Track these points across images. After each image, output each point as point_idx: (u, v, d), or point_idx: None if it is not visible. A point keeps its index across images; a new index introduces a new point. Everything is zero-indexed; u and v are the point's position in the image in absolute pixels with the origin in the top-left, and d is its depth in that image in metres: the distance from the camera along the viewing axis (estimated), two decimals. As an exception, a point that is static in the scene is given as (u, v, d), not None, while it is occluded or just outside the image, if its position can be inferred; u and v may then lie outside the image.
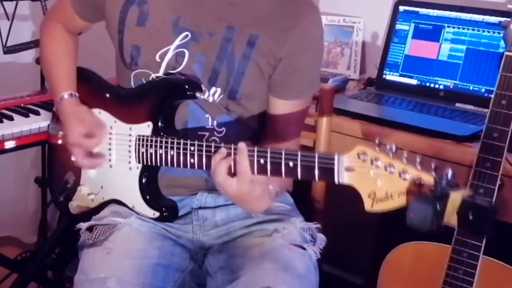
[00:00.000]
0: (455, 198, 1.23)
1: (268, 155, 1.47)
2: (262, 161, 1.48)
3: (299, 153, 1.44)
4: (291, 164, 1.45)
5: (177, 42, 1.73)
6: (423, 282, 1.97)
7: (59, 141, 1.93)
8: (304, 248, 1.72)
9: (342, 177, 1.38)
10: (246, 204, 1.60)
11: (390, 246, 2.02)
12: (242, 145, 1.49)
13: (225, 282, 1.67)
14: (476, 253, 1.84)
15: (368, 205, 1.35)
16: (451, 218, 1.24)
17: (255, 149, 1.48)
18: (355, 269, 2.88)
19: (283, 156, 1.45)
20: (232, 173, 1.50)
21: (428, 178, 1.27)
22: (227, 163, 1.50)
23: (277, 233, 1.73)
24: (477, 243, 1.83)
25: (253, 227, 1.77)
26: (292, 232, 1.75)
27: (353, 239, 2.72)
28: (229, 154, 1.51)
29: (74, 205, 1.88)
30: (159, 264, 1.68)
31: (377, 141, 1.34)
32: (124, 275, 1.62)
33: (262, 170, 1.48)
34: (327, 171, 1.40)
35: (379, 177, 1.33)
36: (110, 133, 1.78)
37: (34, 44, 2.58)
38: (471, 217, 1.23)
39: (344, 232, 2.56)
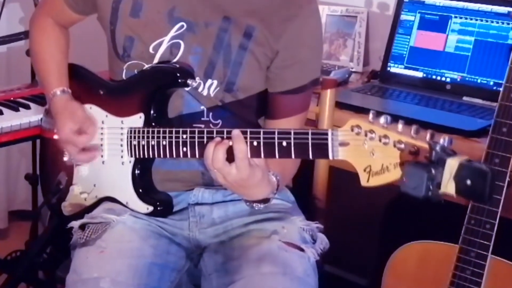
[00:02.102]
0: (452, 164, 1.22)
1: (261, 135, 1.48)
2: (255, 143, 1.49)
3: (292, 131, 1.45)
4: (284, 143, 1.46)
5: (172, 33, 1.73)
6: (429, 282, 1.97)
7: (54, 136, 1.93)
8: (302, 250, 1.72)
9: (337, 152, 1.39)
10: (245, 191, 1.59)
11: (395, 246, 2.02)
12: (236, 132, 1.50)
13: (220, 286, 1.67)
14: (484, 253, 1.84)
15: (364, 180, 1.35)
16: (448, 186, 1.23)
17: (248, 130, 1.49)
18: (358, 269, 2.88)
19: (276, 136, 1.46)
20: (229, 160, 1.50)
21: (423, 145, 1.26)
22: (223, 149, 1.50)
23: (276, 234, 1.72)
24: (485, 242, 1.83)
25: (251, 225, 1.77)
26: (291, 232, 1.75)
27: (356, 238, 2.72)
28: (223, 141, 1.51)
29: (67, 206, 1.88)
30: (154, 264, 1.68)
31: (371, 114, 1.34)
32: (118, 275, 1.62)
33: (255, 152, 1.49)
34: (321, 147, 1.41)
35: (374, 149, 1.33)
36: (102, 128, 1.78)
37: (24, 35, 2.57)
38: (469, 182, 1.21)
39: (346, 231, 2.56)
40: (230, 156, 1.50)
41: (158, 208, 1.73)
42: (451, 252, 1.89)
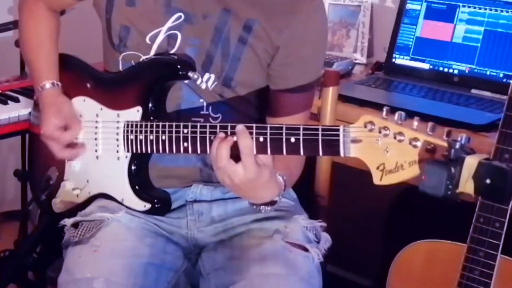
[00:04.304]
0: (471, 162, 1.22)
1: (268, 131, 1.46)
2: (261, 138, 1.47)
3: (301, 127, 1.44)
4: (292, 139, 1.44)
5: (169, 23, 1.73)
6: (435, 283, 1.98)
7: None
8: (306, 250, 1.73)
9: (348, 149, 1.38)
10: (253, 193, 1.55)
11: (400, 245, 2.03)
12: (240, 126, 1.47)
13: (219, 286, 1.67)
14: (494, 252, 1.85)
15: (376, 179, 1.35)
16: (466, 185, 1.23)
17: (254, 126, 1.48)
18: (362, 270, 2.89)
19: (284, 132, 1.45)
20: (235, 158, 1.47)
21: (440, 143, 1.26)
22: (227, 146, 1.47)
23: (278, 234, 1.73)
24: (494, 241, 1.84)
25: (252, 224, 1.77)
26: (295, 231, 1.75)
27: (360, 237, 2.72)
28: (227, 137, 1.49)
29: (58, 203, 1.88)
30: (150, 263, 1.69)
31: (385, 110, 1.35)
32: (113, 275, 1.63)
33: (262, 148, 1.47)
34: (332, 144, 1.40)
35: (388, 147, 1.33)
36: (96, 121, 1.78)
37: (13, 25, 2.57)
38: (488, 181, 1.21)
39: (350, 230, 2.57)
40: (236, 155, 1.47)
41: (156, 206, 1.73)
42: (458, 252, 1.90)
